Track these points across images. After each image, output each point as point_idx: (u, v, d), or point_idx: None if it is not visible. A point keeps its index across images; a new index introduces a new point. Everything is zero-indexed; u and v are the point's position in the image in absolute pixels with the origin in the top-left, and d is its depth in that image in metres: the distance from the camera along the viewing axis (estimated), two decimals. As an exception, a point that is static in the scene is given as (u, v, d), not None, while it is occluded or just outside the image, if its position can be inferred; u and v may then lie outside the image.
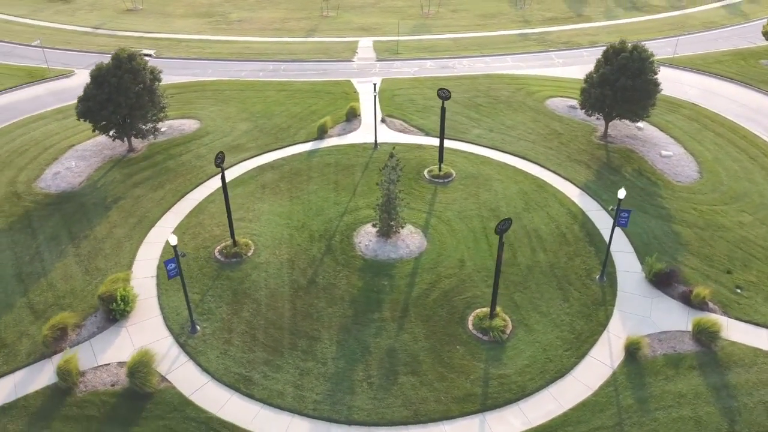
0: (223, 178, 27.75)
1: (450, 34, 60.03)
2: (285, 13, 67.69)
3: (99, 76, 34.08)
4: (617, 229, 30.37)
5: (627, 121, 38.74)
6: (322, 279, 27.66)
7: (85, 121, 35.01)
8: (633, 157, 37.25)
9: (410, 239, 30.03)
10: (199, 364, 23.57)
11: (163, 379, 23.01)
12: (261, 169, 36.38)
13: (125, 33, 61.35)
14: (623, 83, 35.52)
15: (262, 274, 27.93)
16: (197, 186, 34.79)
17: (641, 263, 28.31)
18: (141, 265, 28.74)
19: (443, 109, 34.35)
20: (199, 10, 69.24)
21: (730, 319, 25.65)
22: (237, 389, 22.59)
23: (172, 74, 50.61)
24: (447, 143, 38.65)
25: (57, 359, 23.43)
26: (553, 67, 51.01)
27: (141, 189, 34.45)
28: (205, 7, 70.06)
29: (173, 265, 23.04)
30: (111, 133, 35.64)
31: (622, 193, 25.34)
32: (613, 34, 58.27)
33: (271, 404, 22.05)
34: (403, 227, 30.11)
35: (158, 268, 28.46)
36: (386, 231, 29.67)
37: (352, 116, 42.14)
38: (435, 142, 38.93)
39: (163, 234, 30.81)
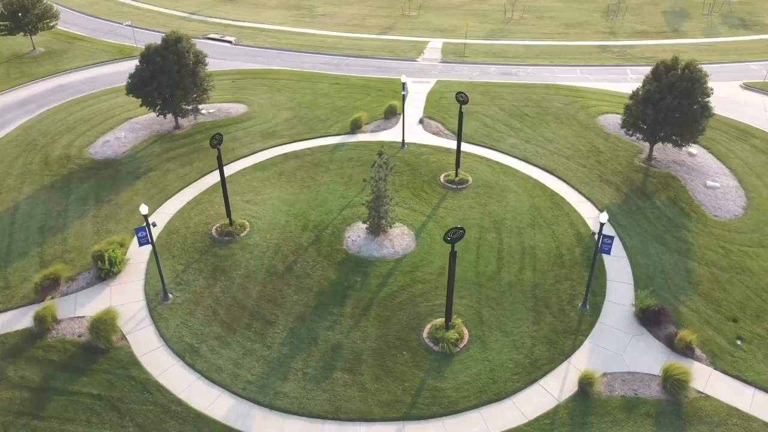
0: (219, 158, 29.06)
1: (526, 40, 58.08)
2: (369, 10, 68.80)
3: (147, 54, 36.86)
4: (621, 258, 28.41)
5: (671, 145, 35.60)
6: (299, 267, 28.17)
7: (131, 95, 37.96)
8: (672, 184, 34.21)
9: (399, 240, 29.73)
10: (158, 330, 24.98)
11: (123, 337, 24.64)
12: (285, 156, 37.51)
13: (215, 20, 65.38)
14: (668, 103, 32.71)
15: (246, 255, 28.94)
16: (223, 165, 36.50)
17: (635, 296, 26.11)
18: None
19: (461, 114, 33.54)
20: (289, 2, 72.11)
21: (715, 371, 23.02)
22: (182, 358, 23.71)
23: (243, 61, 53.47)
24: (476, 150, 37.93)
25: (54, 305, 25.83)
26: (624, 83, 47.82)
27: (172, 163, 36.81)
28: (295, 0, 72.83)
29: (143, 233, 24.61)
30: (156, 109, 38.32)
31: (603, 217, 23.53)
32: (705, 53, 53.59)
33: (207, 377, 22.92)
34: (390, 227, 29.87)
35: (157, 236, 30.37)
36: (374, 229, 29.61)
37: (391, 114, 42.18)
38: (465, 147, 38.16)
39: (175, 206, 32.78)
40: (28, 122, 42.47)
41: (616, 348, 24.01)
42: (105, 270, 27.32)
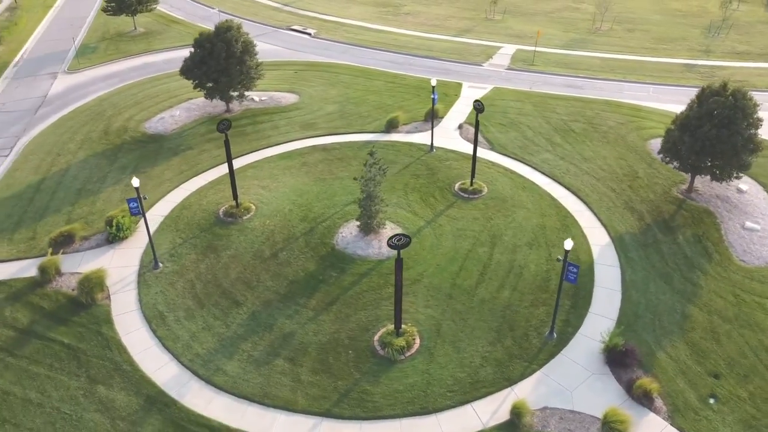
0: (226, 142, 30.61)
1: (606, 53, 54.91)
2: (455, 11, 68.17)
3: (199, 40, 39.42)
4: (615, 292, 26.67)
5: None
6: (284, 255, 29.10)
7: (183, 77, 40.76)
8: (705, 220, 31.22)
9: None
10: (138, 294, 26.99)
11: (108, 297, 26.89)
12: (314, 149, 38.57)
13: (304, 12, 67.89)
14: (705, 132, 29.91)
15: (240, 237, 30.32)
16: (254, 151, 38.34)
17: (608, 333, 24.33)
18: (161, 203, 33.12)
19: (477, 123, 32.73)
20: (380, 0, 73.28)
21: (670, 427, 21.05)
22: (149, 323, 25.48)
23: (313, 53, 55.27)
24: (504, 161, 36.87)
25: (58, 259, 28.78)
26: (698, 106, 43.96)
27: (210, 144, 39.15)
28: (386, -2, 73.90)
29: (135, 204, 26.65)
30: (205, 92, 40.86)
31: (568, 244, 22.25)
32: (809, 80, 47.92)
33: (163, 344, 24.50)
34: (379, 227, 29.92)
35: (171, 210, 32.59)
36: (364, 227, 29.85)
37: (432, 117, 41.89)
38: (494, 157, 37.26)
39: (198, 184, 34.91)
40: (105, 95, 46.90)
41: (569, 383, 22.62)
42: (113, 234, 29.86)
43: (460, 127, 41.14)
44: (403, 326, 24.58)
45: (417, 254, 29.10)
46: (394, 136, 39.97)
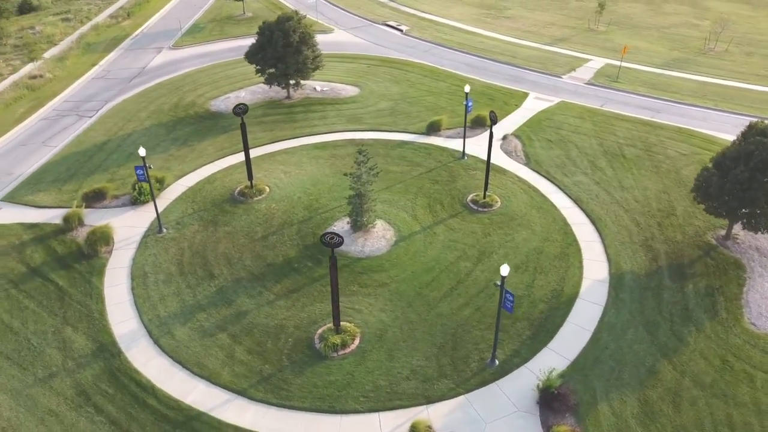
0: (243, 126, 32.33)
1: (708, 77, 49.63)
2: (558, 18, 65.03)
3: (262, 28, 41.67)
4: (585, 332, 24.89)
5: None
6: (273, 239, 30.29)
7: (247, 62, 43.33)
8: (729, 273, 27.67)
9: (374, 241, 29.84)
10: (135, 253, 29.61)
11: (110, 252, 29.82)
12: (350, 142, 39.28)
13: (405, 8, 68.51)
14: (738, 174, 26.48)
15: (243, 217, 31.99)
16: (294, 138, 39.94)
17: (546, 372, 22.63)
18: (191, 175, 35.78)
19: (491, 134, 31.50)
20: (486, 1, 71.70)
21: (576, 484, 19.38)
22: (132, 281, 27.92)
23: (395, 49, 55.85)
24: (533, 178, 35.32)
25: (82, 211, 32.32)
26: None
27: (258, 127, 41.34)
28: (493, 0, 72.10)
29: (141, 171, 29.22)
30: (264, 77, 43.16)
31: (504, 270, 21.09)
32: None
33: (134, 301, 26.76)
34: (366, 226, 30.04)
35: (196, 182, 35.09)
36: (353, 224, 30.15)
37: (478, 124, 40.81)
38: (524, 172, 35.72)
39: (230, 162, 37.15)
40: (192, 71, 51.12)
41: (488, 415, 21.53)
42: (135, 197, 32.91)
43: (504, 137, 39.74)
44: (346, 325, 24.79)
45: (397, 258, 28.93)
46: (432, 139, 39.57)
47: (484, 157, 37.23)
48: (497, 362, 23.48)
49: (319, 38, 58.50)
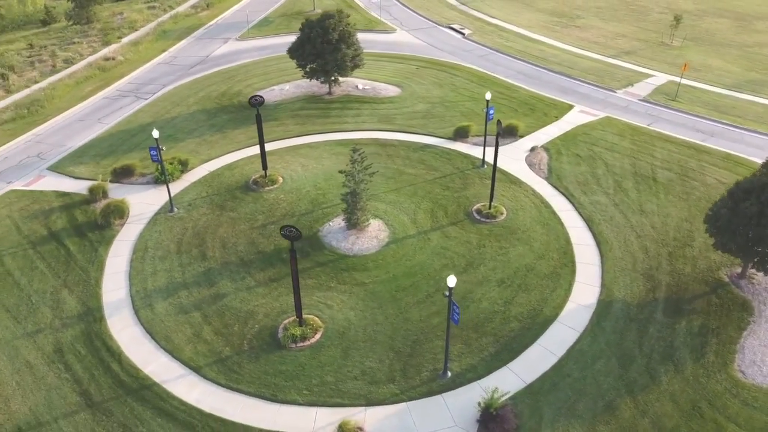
0: (258, 117, 33.45)
1: (784, 102, 45.53)
2: (631, 30, 61.64)
3: (304, 24, 42.76)
4: (551, 356, 23.97)
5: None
6: (271, 228, 31.14)
7: (289, 56, 44.62)
8: (733, 315, 25.43)
9: (365, 240, 29.99)
10: (143, 228, 31.48)
11: (122, 224, 31.87)
12: (375, 141, 39.51)
13: (474, 12, 67.60)
14: (746, 207, 24.29)
15: (250, 204, 33.12)
16: (322, 133, 40.72)
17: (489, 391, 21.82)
18: (215, 161, 37.49)
19: (497, 143, 30.68)
20: (561, 8, 69.22)
21: None
22: (133, 254, 29.75)
23: (451, 53, 55.41)
24: (549, 193, 34.00)
25: (107, 184, 34.76)
26: None
27: (292, 120, 42.57)
28: (568, 8, 69.47)
29: (154, 152, 31.02)
30: (305, 72, 44.28)
31: (451, 281, 20.64)
32: None
33: (129, 274, 28.45)
34: (358, 224, 30.15)
35: (217, 168, 36.69)
36: (347, 222, 30.42)
37: (509, 133, 39.78)
38: (541, 187, 34.52)
39: (256, 151, 38.30)
40: (247, 62, 53.29)
41: (422, 426, 21.19)
42: (157, 176, 34.93)
43: (532, 149, 38.50)
44: (311, 319, 25.18)
45: (383, 260, 28.94)
46: (457, 145, 39.02)
47: (505, 166, 36.52)
48: (449, 374, 23.02)
49: (379, 38, 59.76)
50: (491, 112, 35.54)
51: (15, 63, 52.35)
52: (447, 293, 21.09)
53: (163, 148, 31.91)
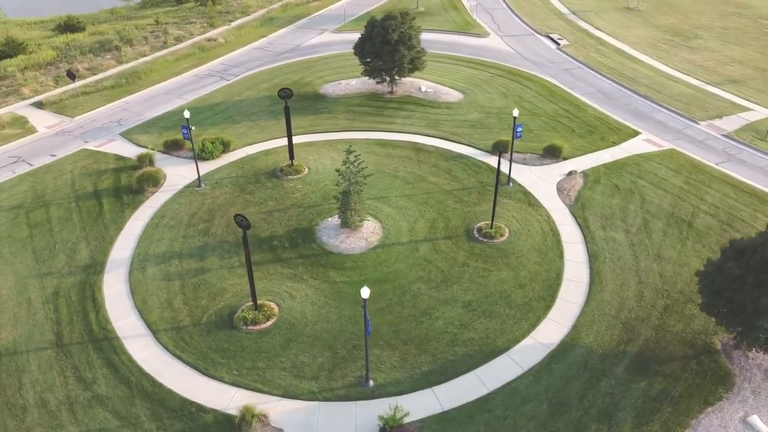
0: (286, 108, 35.07)
1: None
2: (751, 57, 54.82)
3: (367, 24, 43.67)
4: (482, 389, 23.38)
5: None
6: (276, 215, 32.74)
7: (354, 53, 45.80)
8: (704, 386, 22.71)
9: (352, 241, 30.57)
10: (169, 198, 34.51)
11: (153, 192, 35.16)
12: (413, 145, 39.64)
13: (581, 23, 64.20)
14: (729, 268, 21.54)
15: (268, 190, 34.96)
16: (366, 131, 41.59)
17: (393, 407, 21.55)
18: (259, 145, 39.93)
19: (498, 164, 29.52)
20: (679, 26, 63.37)
21: None
22: (151, 219, 32.81)
23: (534, 63, 53.51)
24: (565, 222, 32.13)
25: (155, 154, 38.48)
26: None
27: (345, 114, 43.88)
28: (688, 26, 63.40)
29: (185, 130, 33.85)
30: (364, 70, 45.26)
31: (365, 293, 20.77)
32: None
33: (139, 236, 31.52)
34: (350, 224, 30.68)
35: (257, 152, 39.00)
36: (341, 220, 31.13)
37: (551, 154, 37.93)
38: (560, 214, 32.85)
39: (300, 141, 40.13)
40: (329, 54, 55.44)
41: (324, 428, 21.61)
42: (197, 152, 37.92)
43: (569, 173, 36.46)
44: (267, 305, 26.43)
45: (362, 262, 29.41)
46: (492, 159, 37.88)
47: (532, 188, 35.19)
48: (372, 384, 23.16)
49: (469, 41, 59.21)
50: (519, 129, 34.27)
51: (133, 37, 58.89)
52: (363, 305, 21.27)
53: (193, 128, 34.68)
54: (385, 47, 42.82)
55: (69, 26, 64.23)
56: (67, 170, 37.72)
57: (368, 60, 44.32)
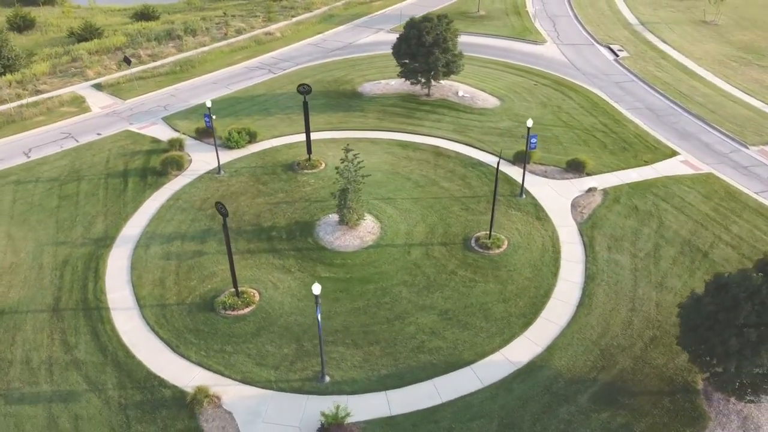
0: (305, 104, 35.77)
1: None
2: (836, 81, 50.45)
3: (406, 24, 43.69)
4: (436, 399, 23.21)
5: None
6: (282, 207, 33.56)
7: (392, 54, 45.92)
8: (672, 426, 21.30)
9: (347, 239, 30.84)
10: (189, 181, 36.12)
11: (176, 175, 36.88)
12: (434, 149, 39.33)
13: (647, 35, 60.90)
14: (705, 305, 20.05)
15: (281, 182, 35.87)
16: (391, 131, 41.67)
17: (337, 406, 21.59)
18: (284, 138, 40.98)
19: (496, 177, 28.77)
20: (756, 43, 58.80)
21: None
22: (167, 200, 34.48)
23: (586, 74, 51.63)
24: (570, 238, 31.07)
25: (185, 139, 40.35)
26: None
27: (377, 113, 44.16)
28: (766, 43, 58.75)
29: (208, 119, 35.36)
30: (401, 71, 45.31)
31: (316, 289, 21.02)
32: None
33: (151, 216, 33.19)
34: (354, 222, 30.87)
35: (281, 144, 40.04)
36: (339, 218, 31.44)
37: (574, 168, 36.52)
38: (567, 231, 31.69)
39: (326, 136, 40.94)
40: (376, 54, 55.62)
41: (270, 417, 22.07)
42: (223, 141, 39.40)
43: (589, 189, 35.01)
44: (249, 293, 27.21)
45: (352, 260, 29.64)
46: (512, 170, 36.96)
47: (545, 201, 34.20)
48: (327, 379, 23.39)
49: (523, 47, 58.01)
50: (533, 140, 33.31)
51: (197, 27, 61.81)
52: (315, 300, 21.55)
53: (214, 117, 36.07)
54: (420, 49, 42.71)
55: (144, 15, 68.32)
56: (106, 149, 40.28)
57: (405, 61, 44.37)
